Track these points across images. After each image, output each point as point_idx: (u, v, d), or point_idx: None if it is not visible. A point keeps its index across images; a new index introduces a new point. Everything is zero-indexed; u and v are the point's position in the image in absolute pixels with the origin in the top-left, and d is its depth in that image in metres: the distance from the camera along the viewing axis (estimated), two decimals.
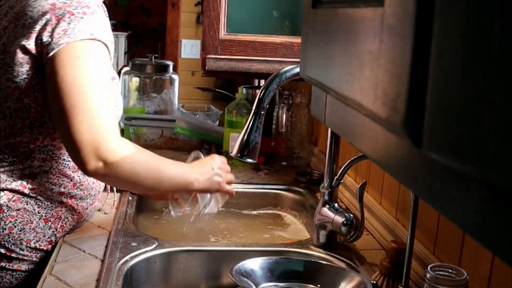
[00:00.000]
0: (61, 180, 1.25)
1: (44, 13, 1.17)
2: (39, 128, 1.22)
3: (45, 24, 1.16)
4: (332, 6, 0.54)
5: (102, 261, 1.14)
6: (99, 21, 1.20)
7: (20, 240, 1.21)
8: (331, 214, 1.23)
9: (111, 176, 1.14)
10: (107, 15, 1.28)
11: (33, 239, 1.22)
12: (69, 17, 1.16)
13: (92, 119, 1.12)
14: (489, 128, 0.28)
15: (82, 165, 1.12)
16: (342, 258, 1.21)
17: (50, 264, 1.12)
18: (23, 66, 1.18)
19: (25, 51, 1.18)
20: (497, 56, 0.27)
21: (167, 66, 2.35)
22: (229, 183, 1.35)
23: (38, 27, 1.17)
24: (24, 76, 1.19)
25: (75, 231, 1.29)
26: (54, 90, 1.15)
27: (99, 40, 1.18)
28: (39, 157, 1.23)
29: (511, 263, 0.27)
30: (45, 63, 1.16)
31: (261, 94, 1.23)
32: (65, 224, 1.27)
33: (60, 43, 1.14)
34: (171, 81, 2.35)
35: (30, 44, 1.17)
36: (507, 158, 0.26)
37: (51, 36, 1.15)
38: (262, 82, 2.07)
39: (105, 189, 1.43)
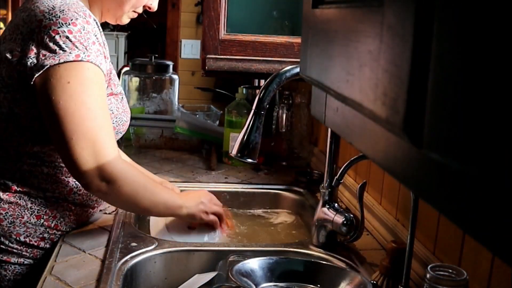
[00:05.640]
0: (55, 186, 1.25)
1: (31, 31, 1.15)
2: (29, 135, 1.21)
3: (31, 43, 1.14)
4: (332, 6, 0.54)
5: (102, 261, 1.14)
6: (86, 40, 1.15)
7: (9, 233, 1.21)
8: (331, 214, 1.23)
9: (113, 195, 1.18)
10: (100, 29, 1.23)
11: (23, 234, 1.22)
12: (53, 37, 1.12)
13: (94, 144, 1.13)
14: (489, 128, 0.28)
15: (85, 184, 1.16)
16: (342, 258, 1.20)
17: (50, 264, 1.12)
18: (10, 79, 1.18)
19: (12, 66, 1.17)
20: (496, 55, 0.27)
21: (167, 66, 2.35)
22: (215, 214, 1.36)
23: (25, 46, 1.15)
24: (10, 88, 1.19)
25: (75, 231, 1.29)
26: (50, 116, 1.14)
27: (87, 61, 1.14)
28: (29, 162, 1.22)
29: (511, 263, 0.27)
30: (32, 84, 1.14)
31: (261, 94, 1.23)
32: (60, 223, 1.26)
33: (45, 65, 1.12)
34: (171, 81, 2.35)
35: (16, 61, 1.16)
36: (507, 158, 0.26)
37: (36, 57, 1.13)
38: (262, 82, 2.07)
39: None
